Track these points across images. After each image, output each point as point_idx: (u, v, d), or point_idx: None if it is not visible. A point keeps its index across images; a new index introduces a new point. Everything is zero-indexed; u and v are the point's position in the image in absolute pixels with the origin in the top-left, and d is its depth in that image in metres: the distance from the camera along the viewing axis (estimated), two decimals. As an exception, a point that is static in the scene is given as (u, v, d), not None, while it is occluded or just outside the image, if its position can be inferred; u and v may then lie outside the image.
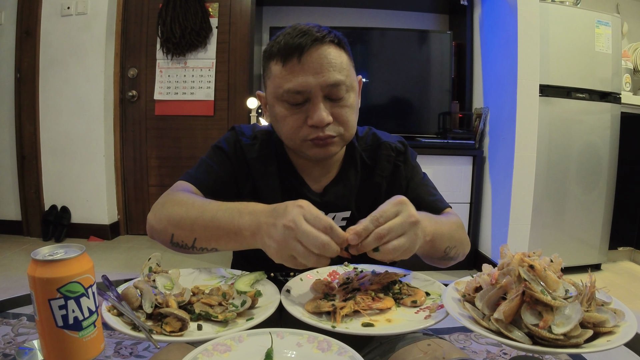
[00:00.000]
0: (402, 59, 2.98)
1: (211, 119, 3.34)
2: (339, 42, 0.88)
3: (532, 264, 0.58)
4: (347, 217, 0.96)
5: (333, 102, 0.86)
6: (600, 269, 2.89)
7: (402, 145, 1.02)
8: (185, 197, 0.83)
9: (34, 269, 0.52)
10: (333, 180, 0.97)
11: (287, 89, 0.84)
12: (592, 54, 2.65)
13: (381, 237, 0.66)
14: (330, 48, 0.85)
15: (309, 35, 0.83)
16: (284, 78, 0.84)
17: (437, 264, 0.91)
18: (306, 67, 0.83)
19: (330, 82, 0.83)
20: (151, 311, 0.65)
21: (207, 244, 0.77)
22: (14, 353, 0.77)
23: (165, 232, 0.81)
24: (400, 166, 1.00)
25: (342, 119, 0.87)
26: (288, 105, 0.86)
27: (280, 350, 0.59)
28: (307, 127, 0.85)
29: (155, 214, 0.83)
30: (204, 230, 0.76)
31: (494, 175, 2.78)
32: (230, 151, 0.96)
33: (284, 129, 0.88)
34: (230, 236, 0.73)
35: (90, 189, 3.25)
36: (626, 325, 0.57)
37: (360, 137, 1.02)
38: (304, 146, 0.88)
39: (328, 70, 0.83)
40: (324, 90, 0.84)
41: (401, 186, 0.99)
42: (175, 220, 0.79)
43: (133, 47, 3.33)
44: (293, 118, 0.86)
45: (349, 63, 0.89)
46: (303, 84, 0.83)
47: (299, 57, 0.82)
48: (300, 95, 0.84)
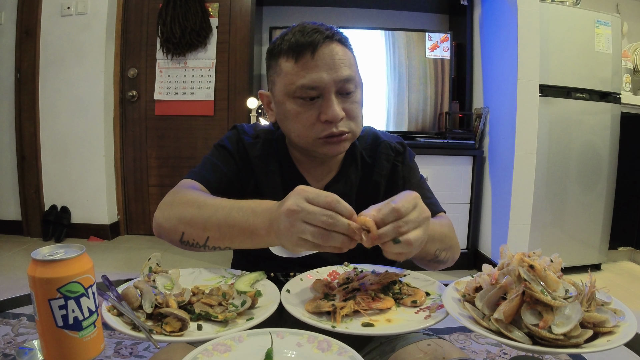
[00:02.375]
0: (402, 59, 2.98)
1: (211, 119, 3.34)
2: (345, 40, 0.90)
3: (532, 264, 0.58)
4: None
5: (344, 98, 0.87)
6: (600, 269, 2.89)
7: (401, 146, 1.02)
8: (195, 195, 0.82)
9: (34, 269, 0.52)
10: (334, 178, 0.98)
11: (301, 84, 0.84)
12: (592, 54, 2.65)
13: (399, 227, 0.64)
14: (338, 46, 0.87)
15: (320, 32, 0.85)
16: (297, 74, 0.85)
17: (426, 267, 0.91)
18: (320, 63, 0.84)
19: (343, 77, 0.85)
20: (151, 311, 0.65)
21: (220, 242, 0.77)
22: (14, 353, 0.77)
23: (175, 231, 0.80)
24: (399, 166, 1.00)
25: (353, 114, 0.88)
26: (301, 102, 0.86)
27: (280, 350, 0.59)
28: (320, 123, 0.86)
29: (163, 213, 0.82)
30: (218, 229, 0.75)
31: (494, 175, 2.78)
32: (233, 150, 0.96)
33: (296, 126, 0.88)
34: (245, 235, 0.73)
35: (90, 189, 3.25)
36: (626, 325, 0.57)
37: (361, 136, 1.02)
38: (316, 144, 0.88)
39: (340, 66, 0.85)
40: (337, 85, 0.85)
41: (398, 186, 0.99)
42: (186, 219, 0.78)
43: (133, 47, 3.33)
44: (306, 115, 0.86)
45: (354, 60, 0.91)
46: (317, 79, 0.84)
47: (312, 53, 0.84)
48: (314, 90, 0.84)
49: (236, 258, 1.05)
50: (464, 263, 2.81)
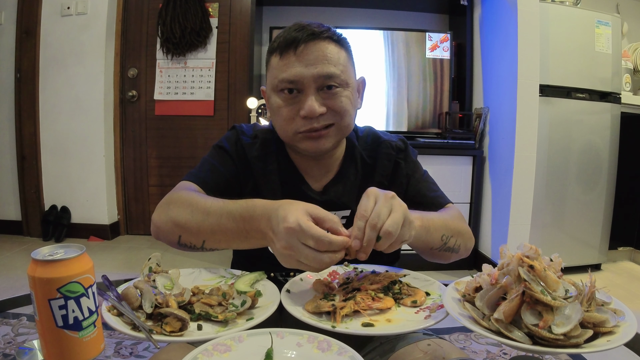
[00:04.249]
0: (402, 59, 2.98)
1: (211, 119, 3.34)
2: (338, 39, 0.89)
3: (532, 264, 0.58)
4: (346, 215, 0.95)
5: (327, 93, 0.87)
6: (600, 269, 2.89)
7: (402, 143, 1.02)
8: (189, 197, 0.83)
9: (34, 269, 0.52)
10: (333, 179, 0.97)
11: (281, 78, 0.86)
12: (592, 54, 2.65)
13: (374, 224, 0.67)
14: (327, 43, 0.87)
15: (306, 30, 0.86)
16: (280, 69, 0.87)
17: (439, 258, 0.90)
18: (301, 58, 0.85)
19: (322, 73, 0.85)
20: (151, 311, 0.65)
21: (217, 245, 0.79)
22: (14, 353, 0.77)
23: (172, 234, 0.81)
24: (401, 163, 1.00)
25: (336, 107, 0.87)
26: (283, 96, 0.87)
27: (280, 350, 0.59)
28: (300, 119, 0.87)
29: (160, 216, 0.83)
30: (212, 234, 0.77)
31: (494, 175, 2.78)
32: (232, 150, 0.96)
33: (278, 120, 0.90)
34: (241, 239, 0.75)
35: (90, 189, 3.25)
36: (626, 325, 0.57)
37: (360, 137, 1.02)
38: (296, 139, 0.89)
39: (322, 63, 0.85)
40: (317, 82, 0.85)
41: (402, 183, 0.99)
42: (181, 223, 0.79)
43: (133, 47, 3.32)
44: (287, 109, 0.87)
45: (347, 61, 0.90)
46: (296, 74, 0.85)
47: (294, 49, 0.85)
48: (292, 84, 0.86)
49: (236, 258, 1.05)
50: (464, 263, 2.80)
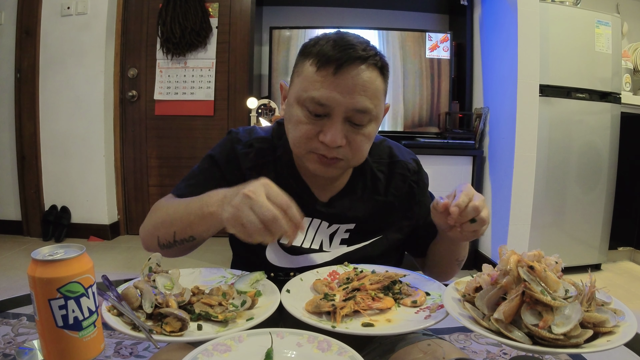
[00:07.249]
0: (402, 59, 2.98)
1: (211, 119, 3.34)
2: (382, 67, 0.82)
3: (532, 265, 0.58)
4: (350, 229, 0.93)
5: (352, 127, 0.81)
6: (600, 269, 2.89)
7: (416, 165, 0.99)
8: (166, 202, 0.88)
9: (34, 269, 0.52)
10: (340, 192, 0.94)
11: (312, 96, 0.79)
12: (592, 54, 2.65)
13: (477, 208, 0.74)
14: (370, 71, 0.80)
15: (353, 50, 0.78)
16: (313, 84, 0.79)
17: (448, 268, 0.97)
18: (338, 82, 0.78)
19: (357, 106, 0.79)
20: (151, 311, 0.65)
21: (184, 233, 0.79)
22: (14, 353, 0.77)
23: (152, 238, 0.84)
24: (414, 188, 0.97)
25: (356, 145, 0.82)
26: (307, 113, 0.81)
27: (280, 350, 0.59)
28: (318, 141, 0.81)
29: (143, 227, 0.88)
30: (180, 221, 0.79)
31: (494, 175, 2.78)
32: (222, 162, 0.93)
33: (294, 133, 0.83)
34: (201, 218, 0.75)
35: (90, 189, 3.25)
36: (626, 325, 0.57)
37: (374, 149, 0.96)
38: (308, 157, 0.84)
39: (359, 94, 0.79)
40: (347, 112, 0.79)
41: (414, 211, 0.97)
42: (158, 223, 0.84)
43: (133, 47, 3.32)
44: (307, 127, 0.81)
45: (383, 91, 0.84)
46: (329, 98, 0.78)
47: (335, 69, 0.77)
48: (321, 107, 0.79)
49: (236, 258, 1.04)
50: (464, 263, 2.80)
